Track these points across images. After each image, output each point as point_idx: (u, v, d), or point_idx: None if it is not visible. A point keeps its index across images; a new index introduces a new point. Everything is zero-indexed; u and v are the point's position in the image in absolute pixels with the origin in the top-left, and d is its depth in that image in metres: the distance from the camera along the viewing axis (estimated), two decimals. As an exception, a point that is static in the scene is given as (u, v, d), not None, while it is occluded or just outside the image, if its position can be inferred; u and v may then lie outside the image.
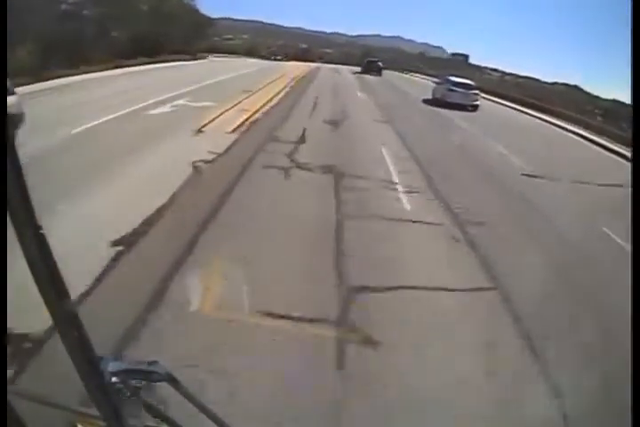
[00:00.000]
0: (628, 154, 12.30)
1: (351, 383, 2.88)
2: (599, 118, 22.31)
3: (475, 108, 19.41)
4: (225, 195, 5.89)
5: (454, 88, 19.41)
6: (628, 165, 9.71)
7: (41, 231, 0.52)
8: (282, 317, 3.41)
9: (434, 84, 22.74)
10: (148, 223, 4.77)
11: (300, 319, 3.41)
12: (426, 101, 20.68)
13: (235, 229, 4.88)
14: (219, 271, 4.04)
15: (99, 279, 3.63)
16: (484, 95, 22.83)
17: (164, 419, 0.77)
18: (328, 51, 73.94)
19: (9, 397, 0.69)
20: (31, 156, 5.24)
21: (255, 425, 2.52)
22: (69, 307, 0.56)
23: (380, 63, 38.67)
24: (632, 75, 1.37)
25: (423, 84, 29.84)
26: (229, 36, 69.05)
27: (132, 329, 3.06)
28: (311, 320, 3.43)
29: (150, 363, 0.74)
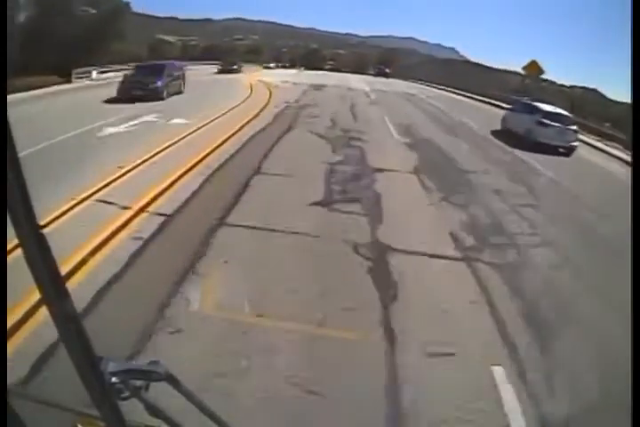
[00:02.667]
0: None
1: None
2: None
3: (570, 151, 13.10)
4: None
5: (547, 121, 13.21)
6: None
7: (41, 231, 0.52)
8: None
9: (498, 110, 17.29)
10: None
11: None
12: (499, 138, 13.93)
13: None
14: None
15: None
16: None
17: (164, 419, 0.77)
18: (340, 51, 72.77)
19: (9, 397, 0.69)
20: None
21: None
22: (69, 307, 0.56)
23: (387, 70, 52.05)
24: (632, 75, 1.37)
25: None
26: (239, 37, 68.42)
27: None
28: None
29: (150, 363, 0.74)
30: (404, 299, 4.08)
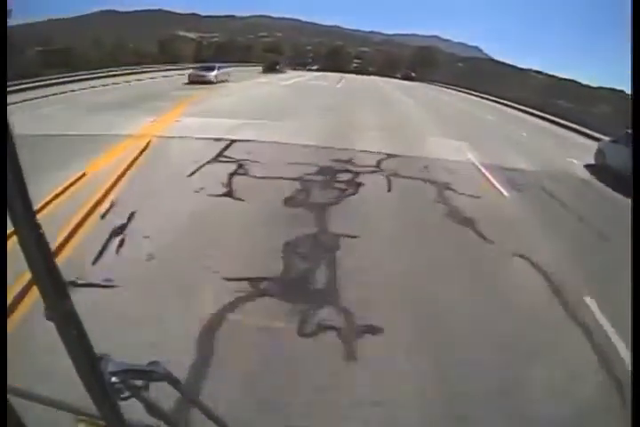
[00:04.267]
0: None
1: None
2: None
3: None
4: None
5: None
6: None
7: (41, 231, 0.52)
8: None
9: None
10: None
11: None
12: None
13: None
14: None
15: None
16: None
17: (164, 419, 0.77)
18: (365, 49, 71.98)
19: (9, 397, 0.69)
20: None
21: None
22: (69, 307, 0.56)
23: (412, 74, 54.76)
24: (632, 72, 1.37)
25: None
26: (264, 34, 67.65)
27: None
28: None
29: (150, 363, 0.74)
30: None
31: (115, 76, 23.07)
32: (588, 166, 11.03)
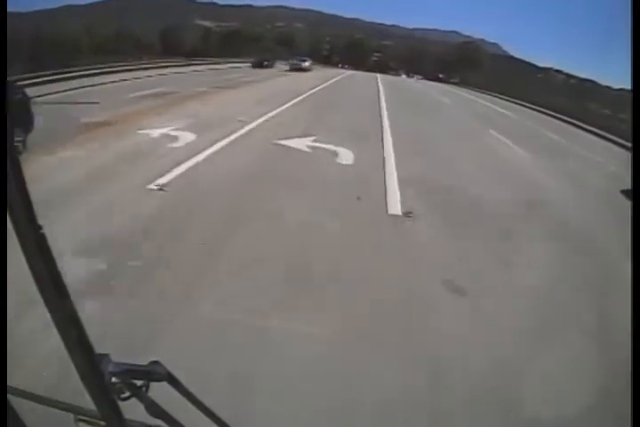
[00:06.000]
0: None
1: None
2: None
3: None
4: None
5: None
6: None
7: (41, 231, 0.52)
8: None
9: None
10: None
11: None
12: None
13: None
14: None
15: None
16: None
17: (164, 419, 0.77)
18: (387, 43, 69.58)
19: (9, 397, 0.69)
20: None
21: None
22: (69, 307, 0.56)
23: (440, 75, 52.11)
24: (632, 71, 1.37)
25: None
26: (281, 24, 65.83)
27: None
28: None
29: (151, 363, 0.74)
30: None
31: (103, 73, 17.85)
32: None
